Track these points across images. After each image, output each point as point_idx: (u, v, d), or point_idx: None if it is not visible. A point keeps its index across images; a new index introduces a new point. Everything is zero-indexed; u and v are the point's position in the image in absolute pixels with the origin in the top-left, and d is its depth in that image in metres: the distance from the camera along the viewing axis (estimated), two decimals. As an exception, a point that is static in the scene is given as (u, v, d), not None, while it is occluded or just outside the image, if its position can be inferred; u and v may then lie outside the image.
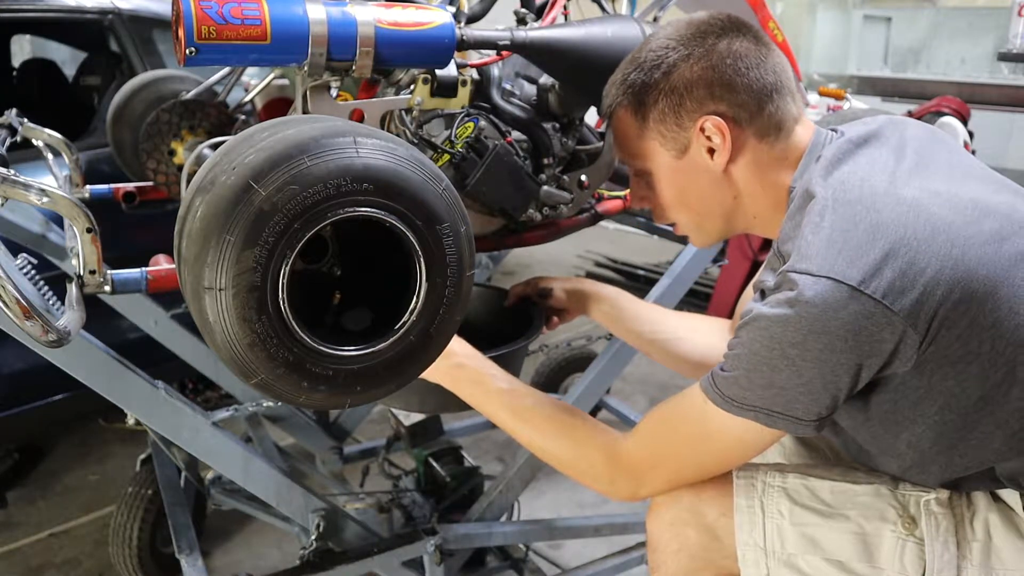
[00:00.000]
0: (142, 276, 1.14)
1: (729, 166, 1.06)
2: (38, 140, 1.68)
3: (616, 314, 1.48)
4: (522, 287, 1.55)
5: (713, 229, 1.15)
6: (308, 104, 1.04)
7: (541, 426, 1.17)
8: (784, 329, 0.90)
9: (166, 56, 2.75)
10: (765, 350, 0.92)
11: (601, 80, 1.25)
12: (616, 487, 1.11)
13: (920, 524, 1.02)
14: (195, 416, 1.38)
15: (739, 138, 1.04)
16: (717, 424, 1.00)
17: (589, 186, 1.38)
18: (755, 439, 1.00)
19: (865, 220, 0.91)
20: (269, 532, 2.31)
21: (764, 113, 1.04)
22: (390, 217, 0.84)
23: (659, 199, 1.14)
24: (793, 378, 0.92)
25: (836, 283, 0.88)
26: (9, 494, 2.57)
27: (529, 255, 5.08)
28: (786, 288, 0.91)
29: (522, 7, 1.32)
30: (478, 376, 1.22)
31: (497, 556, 1.93)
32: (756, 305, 0.95)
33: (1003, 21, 3.39)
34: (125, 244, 1.61)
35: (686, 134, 1.06)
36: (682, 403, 1.05)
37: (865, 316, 0.88)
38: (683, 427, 1.04)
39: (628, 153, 1.14)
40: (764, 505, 1.07)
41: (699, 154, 1.06)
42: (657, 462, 1.08)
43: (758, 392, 0.94)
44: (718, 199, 1.10)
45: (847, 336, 0.89)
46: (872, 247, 0.89)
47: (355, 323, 0.97)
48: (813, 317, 0.88)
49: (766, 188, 1.08)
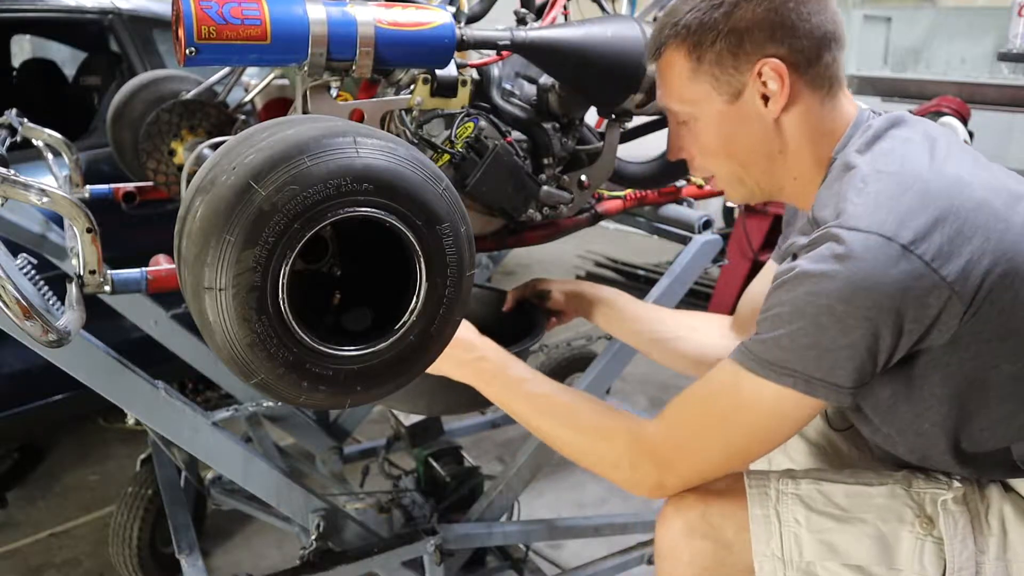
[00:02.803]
0: (142, 276, 1.14)
1: (781, 116, 1.04)
2: (38, 140, 1.68)
3: (615, 315, 1.48)
4: (521, 289, 1.55)
5: (753, 184, 1.11)
6: (308, 104, 1.04)
7: (562, 416, 1.14)
8: (832, 284, 0.88)
9: (166, 56, 2.75)
10: (811, 307, 0.89)
11: (601, 80, 1.25)
12: (640, 474, 1.06)
13: (938, 523, 1.01)
14: (195, 416, 1.38)
15: (795, 85, 1.02)
16: (750, 394, 0.96)
17: (589, 186, 1.38)
18: (790, 411, 0.96)
19: (914, 187, 0.92)
20: (269, 532, 2.31)
21: (821, 62, 1.02)
22: (390, 217, 0.84)
23: (702, 148, 1.10)
24: (839, 338, 0.89)
25: (887, 240, 0.88)
26: (9, 494, 2.57)
27: (529, 255, 5.08)
28: (832, 244, 0.89)
29: (522, 7, 1.32)
30: (497, 370, 1.19)
31: (497, 556, 1.93)
32: (796, 262, 0.92)
33: (1003, 21, 3.39)
34: (125, 244, 1.61)
35: (742, 78, 1.02)
36: (711, 378, 1.01)
37: (914, 277, 0.87)
38: (711, 402, 1.01)
39: (675, 97, 1.09)
40: (780, 514, 1.05)
41: (753, 100, 1.03)
42: (683, 442, 1.03)
43: (800, 354, 0.91)
44: (764, 150, 1.06)
45: (895, 295, 0.87)
46: (922, 211, 0.89)
47: (355, 323, 0.97)
48: (864, 273, 0.87)
49: (812, 147, 1.05)
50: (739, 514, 1.06)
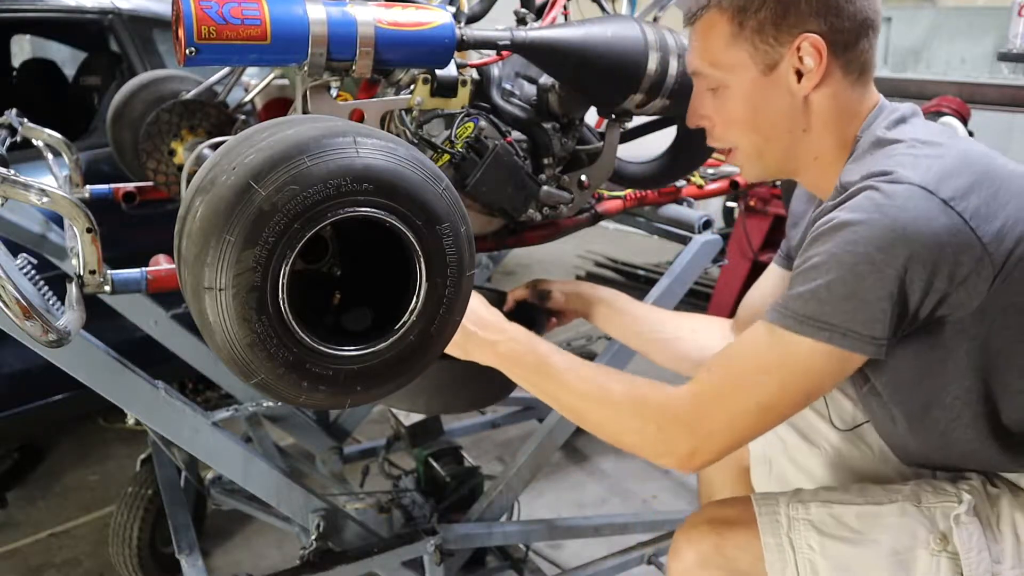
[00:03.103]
0: (142, 276, 1.14)
1: (812, 93, 1.04)
2: (38, 140, 1.68)
3: (614, 316, 1.48)
4: (520, 290, 1.55)
5: (772, 160, 1.11)
6: (308, 104, 1.04)
7: (593, 392, 1.08)
8: (872, 232, 0.88)
9: (166, 56, 2.75)
10: (849, 256, 0.89)
11: (601, 80, 1.25)
12: (671, 441, 1.01)
13: (952, 539, 1.01)
14: (195, 416, 1.38)
15: (829, 65, 1.02)
16: (785, 352, 0.94)
17: (589, 186, 1.38)
18: (827, 367, 0.94)
19: (952, 152, 0.94)
20: (269, 532, 2.31)
21: (858, 47, 1.03)
22: (390, 217, 0.83)
23: (726, 117, 1.09)
24: (876, 288, 0.88)
25: (929, 194, 0.88)
26: (9, 494, 2.57)
27: (529, 255, 5.08)
28: (871, 193, 0.90)
29: (522, 7, 1.32)
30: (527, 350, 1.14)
31: (497, 556, 1.93)
32: (833, 214, 0.92)
33: (1003, 21, 3.39)
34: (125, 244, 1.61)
35: (780, 50, 1.02)
36: (743, 339, 1.00)
37: (952, 232, 0.88)
38: (744, 362, 0.98)
39: (709, 61, 1.07)
40: (793, 541, 1.04)
41: (787, 74, 1.03)
42: (716, 404, 0.99)
43: (837, 305, 0.90)
44: (789, 126, 1.06)
45: (933, 247, 0.87)
46: (961, 173, 0.91)
47: (355, 323, 0.97)
48: (904, 223, 0.87)
49: (836, 128, 1.06)
50: (753, 544, 1.05)
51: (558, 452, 2.08)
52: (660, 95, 1.28)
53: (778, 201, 3.39)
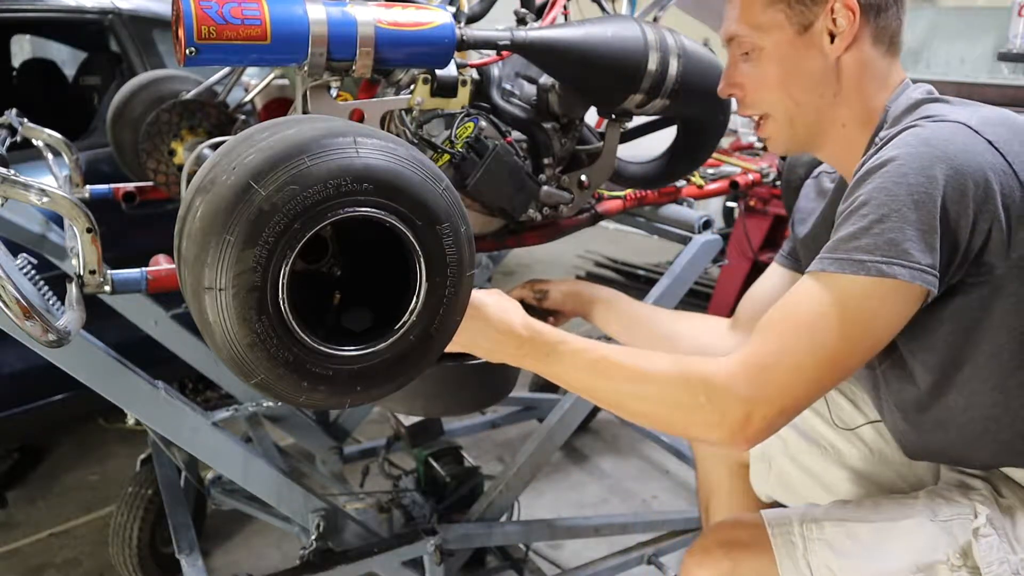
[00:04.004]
0: (142, 276, 1.14)
1: (843, 55, 1.06)
2: (38, 140, 1.68)
3: (613, 315, 1.48)
4: (519, 290, 1.55)
5: (802, 126, 1.11)
6: (308, 104, 1.04)
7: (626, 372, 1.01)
8: (921, 162, 0.88)
9: (166, 56, 2.75)
10: (900, 187, 0.88)
11: (601, 80, 1.25)
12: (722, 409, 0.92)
13: (972, 553, 1.00)
14: (195, 416, 1.38)
15: (861, 29, 1.05)
16: (840, 296, 0.89)
17: (589, 186, 1.38)
18: (885, 307, 0.89)
19: (991, 110, 0.97)
20: (269, 532, 2.31)
21: (888, 15, 1.06)
22: (390, 217, 0.83)
23: (759, 80, 1.10)
24: (930, 216, 0.87)
25: (974, 132, 0.90)
26: (9, 494, 2.57)
27: (529, 255, 5.08)
28: (916, 130, 0.91)
29: (522, 7, 1.32)
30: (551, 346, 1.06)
31: (497, 556, 1.93)
32: (879, 152, 0.92)
33: (1003, 21, 3.38)
34: (125, 244, 1.61)
35: (816, 9, 1.05)
36: (793, 293, 0.95)
37: (998, 170, 0.90)
38: (797, 315, 0.93)
39: (747, 21, 1.09)
40: (811, 564, 1.03)
41: (820, 35, 1.06)
42: (771, 365, 0.91)
43: (892, 236, 0.87)
44: (820, 90, 1.08)
45: (980, 182, 0.88)
46: (1002, 125, 0.94)
47: (355, 323, 0.97)
48: (953, 154, 0.88)
49: (865, 96, 1.08)
50: (770, 569, 1.04)
51: (558, 452, 2.08)
52: (660, 95, 1.28)
53: (778, 201, 3.39)
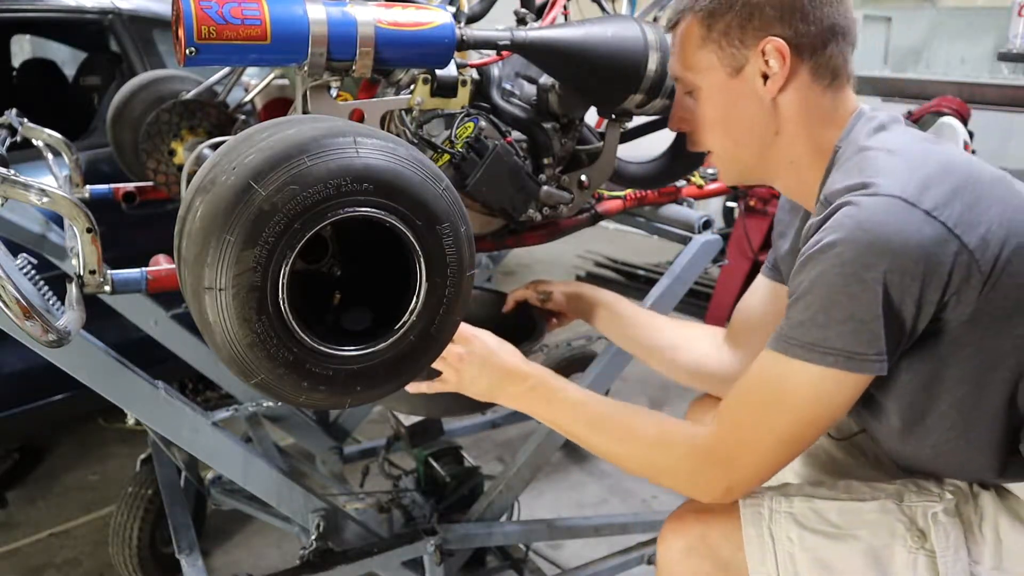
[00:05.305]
0: (142, 276, 1.14)
1: (779, 96, 1.05)
2: (38, 140, 1.68)
3: (614, 319, 1.48)
4: (521, 291, 1.55)
5: (746, 163, 1.12)
6: (308, 104, 1.04)
7: (620, 433, 1.12)
8: (858, 252, 0.88)
9: (166, 56, 2.75)
10: (839, 277, 0.89)
11: (601, 80, 1.25)
12: (706, 481, 1.04)
13: (930, 536, 1.01)
14: (195, 416, 1.38)
15: (795, 69, 1.04)
16: (793, 381, 0.95)
17: (589, 186, 1.38)
18: (836, 392, 0.94)
19: (934, 158, 0.94)
20: (269, 532, 2.31)
21: (826, 52, 1.04)
22: (390, 217, 0.84)
23: (700, 120, 1.12)
24: (872, 306, 0.88)
25: (910, 206, 0.88)
26: (9, 494, 2.57)
27: (529, 255, 5.08)
28: (850, 209, 0.90)
29: (522, 7, 1.32)
30: (551, 394, 1.17)
31: (497, 556, 1.93)
32: (817, 236, 0.92)
33: (1003, 21, 3.39)
34: (125, 244, 1.61)
35: (746, 52, 1.04)
36: (753, 372, 1.00)
37: (938, 243, 0.88)
38: (757, 394, 0.99)
39: (683, 64, 1.11)
40: (773, 533, 1.05)
41: (753, 77, 1.05)
42: (739, 440, 1.01)
43: (837, 329, 0.90)
44: (759, 130, 1.08)
45: (919, 259, 0.88)
46: (943, 180, 0.91)
47: (355, 323, 0.97)
48: (887, 237, 0.87)
49: (809, 133, 1.07)
50: (736, 534, 1.06)
51: (558, 452, 2.08)
52: (660, 95, 1.28)
53: (777, 201, 3.39)
